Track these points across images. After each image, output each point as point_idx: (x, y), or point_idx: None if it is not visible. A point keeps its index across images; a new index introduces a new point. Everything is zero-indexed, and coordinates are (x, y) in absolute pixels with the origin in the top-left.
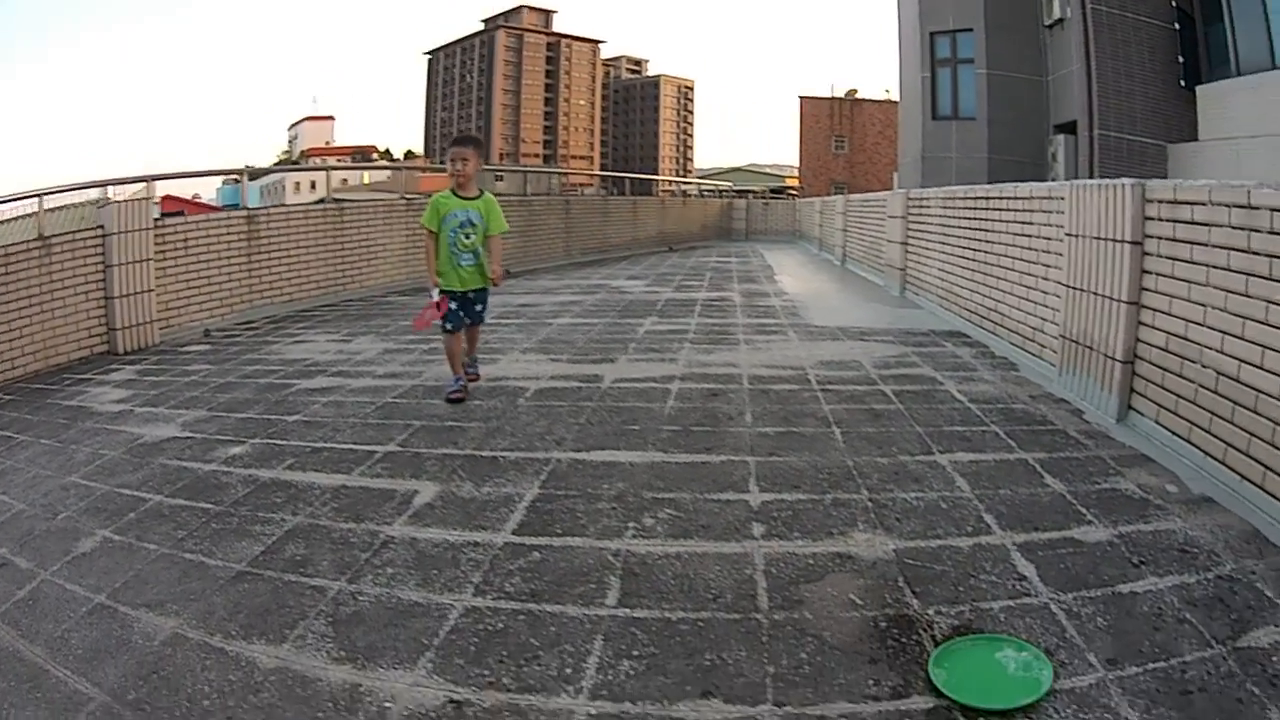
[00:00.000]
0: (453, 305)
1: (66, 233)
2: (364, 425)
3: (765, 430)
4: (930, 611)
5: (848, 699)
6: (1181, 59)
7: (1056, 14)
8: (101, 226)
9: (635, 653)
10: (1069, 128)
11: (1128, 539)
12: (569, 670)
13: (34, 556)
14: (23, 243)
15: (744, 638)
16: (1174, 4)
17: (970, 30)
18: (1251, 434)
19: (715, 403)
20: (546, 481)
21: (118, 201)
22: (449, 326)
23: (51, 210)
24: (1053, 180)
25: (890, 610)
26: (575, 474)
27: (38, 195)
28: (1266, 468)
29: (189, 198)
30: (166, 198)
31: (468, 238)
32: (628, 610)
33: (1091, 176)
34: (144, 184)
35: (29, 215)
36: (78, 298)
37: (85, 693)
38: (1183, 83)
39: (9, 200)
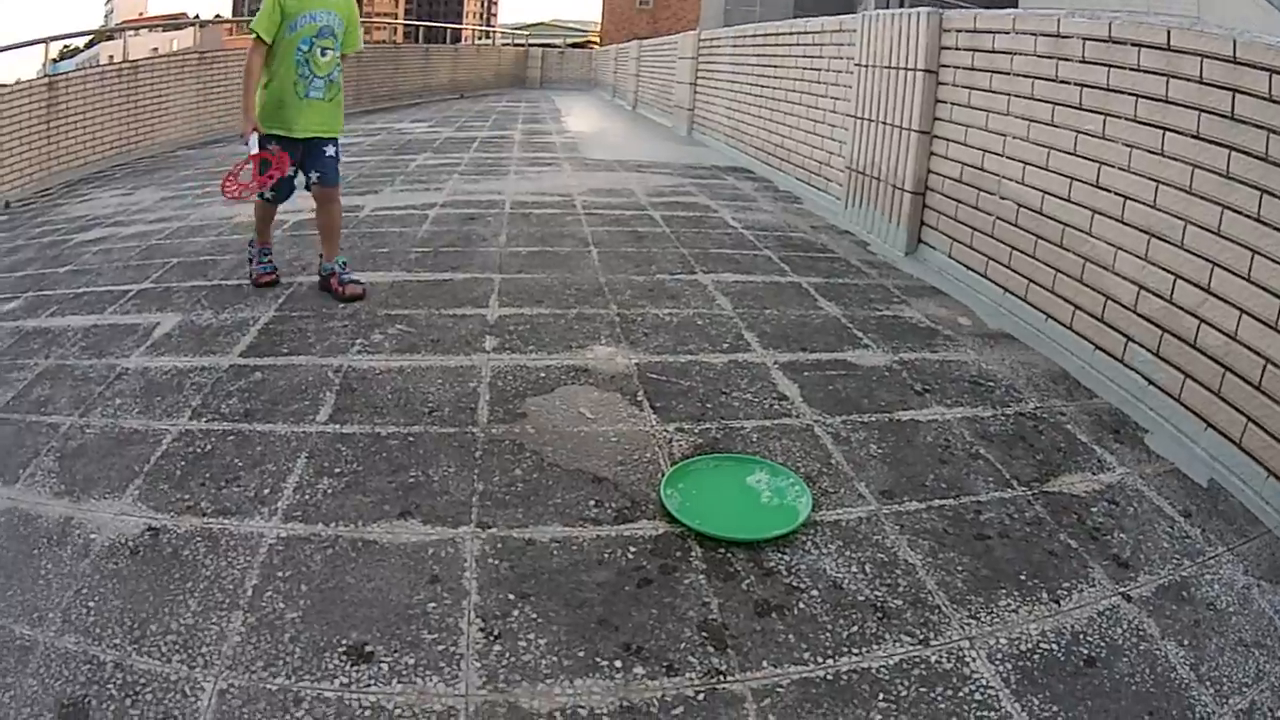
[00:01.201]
0: (288, 164)
1: None
2: (125, 268)
3: (518, 250)
4: (670, 428)
5: (563, 521)
6: None
7: None
8: None
9: (337, 470)
10: None
11: (910, 366)
12: (266, 491)
13: None
14: None
15: (455, 453)
16: None
17: None
18: (1058, 270)
19: (471, 225)
20: (284, 304)
21: None
22: (269, 196)
23: None
24: None
25: (623, 426)
26: (314, 296)
27: None
28: (1076, 307)
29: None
30: None
31: (324, 54)
32: (337, 426)
33: None
34: None
35: None
36: None
37: None
38: None
39: None
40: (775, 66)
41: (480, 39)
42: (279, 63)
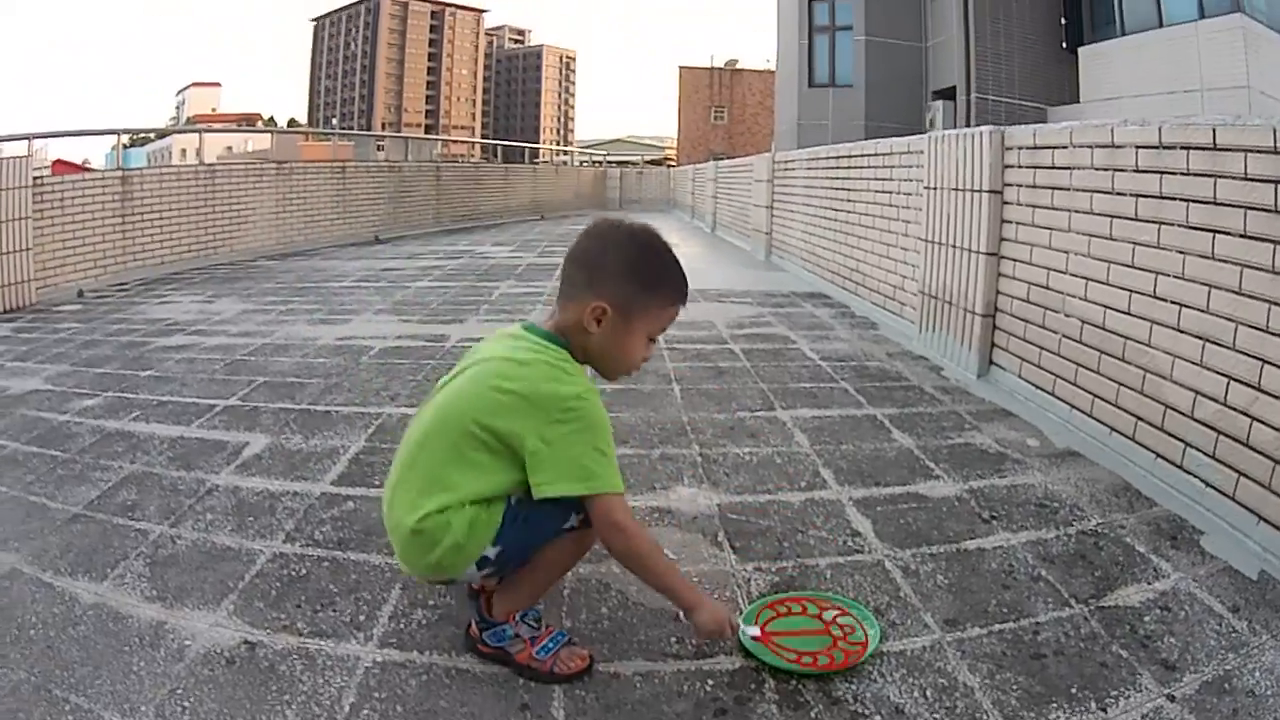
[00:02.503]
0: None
1: None
2: (210, 381)
3: (602, 387)
4: (749, 568)
5: (645, 656)
6: (1065, 21)
7: None
8: None
9: (430, 602)
10: (948, 93)
11: (979, 494)
12: (362, 617)
13: None
14: None
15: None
16: None
17: None
18: (1120, 383)
19: None
20: (374, 435)
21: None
22: None
23: None
24: None
25: (704, 566)
26: (403, 428)
27: None
28: (1138, 418)
29: (79, 163)
30: (57, 163)
31: None
32: None
33: None
34: (26, 141)
35: None
36: None
37: None
38: (1065, 45)
39: None
40: (848, 190)
41: (558, 157)
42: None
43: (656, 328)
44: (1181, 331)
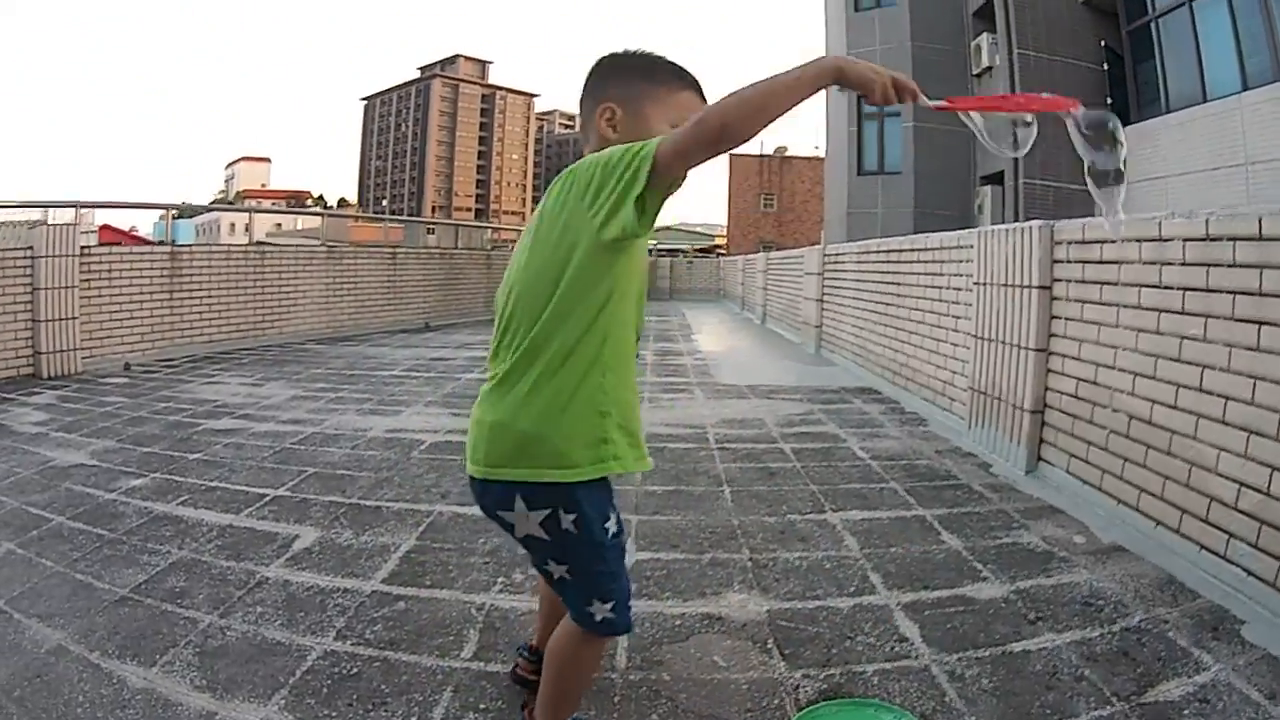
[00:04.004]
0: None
1: None
2: (260, 469)
3: (653, 489)
4: (797, 675)
5: None
6: (1110, 100)
7: (985, 62)
8: (31, 248)
9: (482, 705)
10: (996, 178)
11: (1025, 594)
12: (414, 719)
13: None
14: None
15: (595, 697)
16: (1103, 44)
17: None
18: (1166, 476)
19: None
20: (424, 533)
21: (50, 224)
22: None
23: None
24: None
25: (754, 674)
26: (454, 527)
27: None
28: (1183, 510)
29: (127, 230)
30: (104, 228)
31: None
32: (481, 664)
33: None
34: (73, 209)
35: None
36: (6, 317)
37: None
38: None
39: None
40: (898, 284)
41: None
42: (620, 325)
43: (675, 114)
44: (1227, 424)
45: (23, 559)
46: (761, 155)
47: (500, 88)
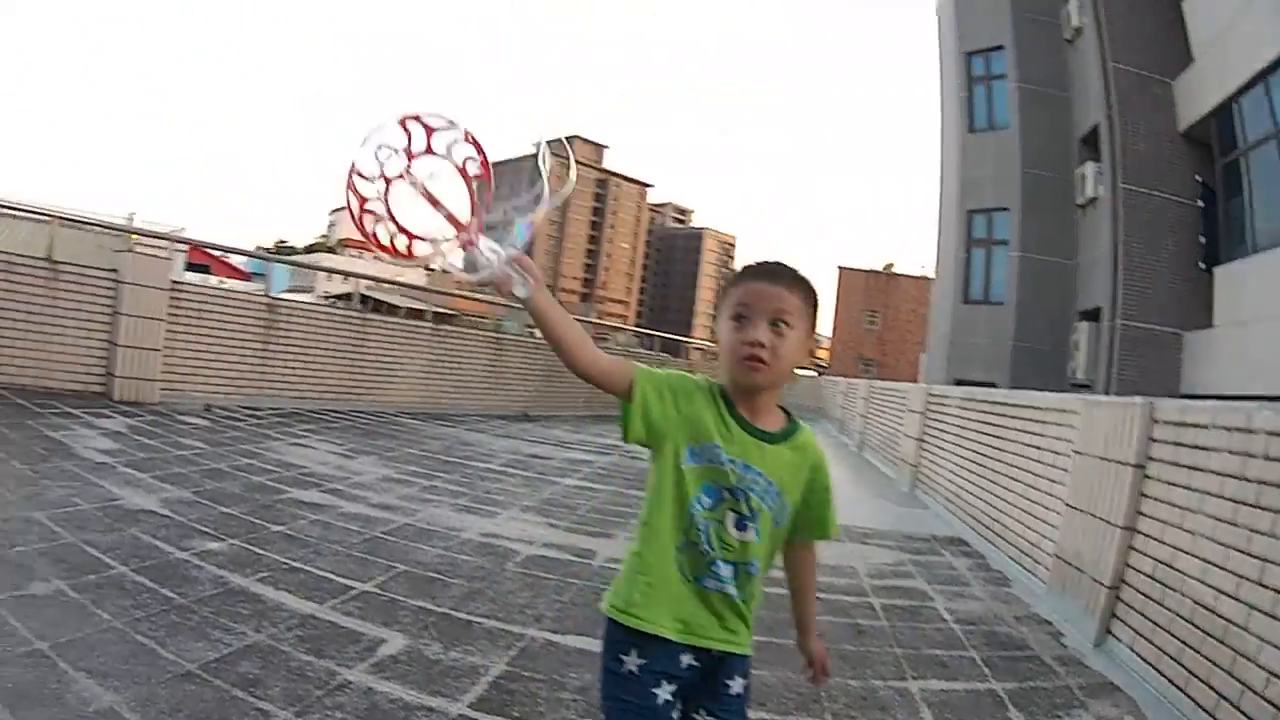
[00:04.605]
0: (658, 690)
1: (76, 264)
2: (347, 556)
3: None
4: None
5: None
6: (1203, 238)
7: (1089, 193)
8: (115, 271)
9: None
10: (1093, 315)
11: None
12: None
13: None
14: (29, 257)
15: None
16: (1198, 179)
17: (1006, 210)
18: (1214, 663)
19: None
20: (516, 658)
21: (138, 252)
22: None
23: (67, 223)
24: (1072, 371)
25: None
26: (546, 655)
27: (57, 217)
28: (1220, 695)
29: (217, 254)
30: (194, 248)
31: (741, 528)
32: None
33: (1110, 370)
34: (168, 241)
35: (46, 222)
36: (80, 332)
37: None
38: (1202, 265)
39: (30, 212)
40: (1000, 436)
41: (713, 345)
42: (670, 505)
43: (734, 307)
44: (1274, 618)
45: (75, 604)
46: (869, 271)
47: (614, 173)
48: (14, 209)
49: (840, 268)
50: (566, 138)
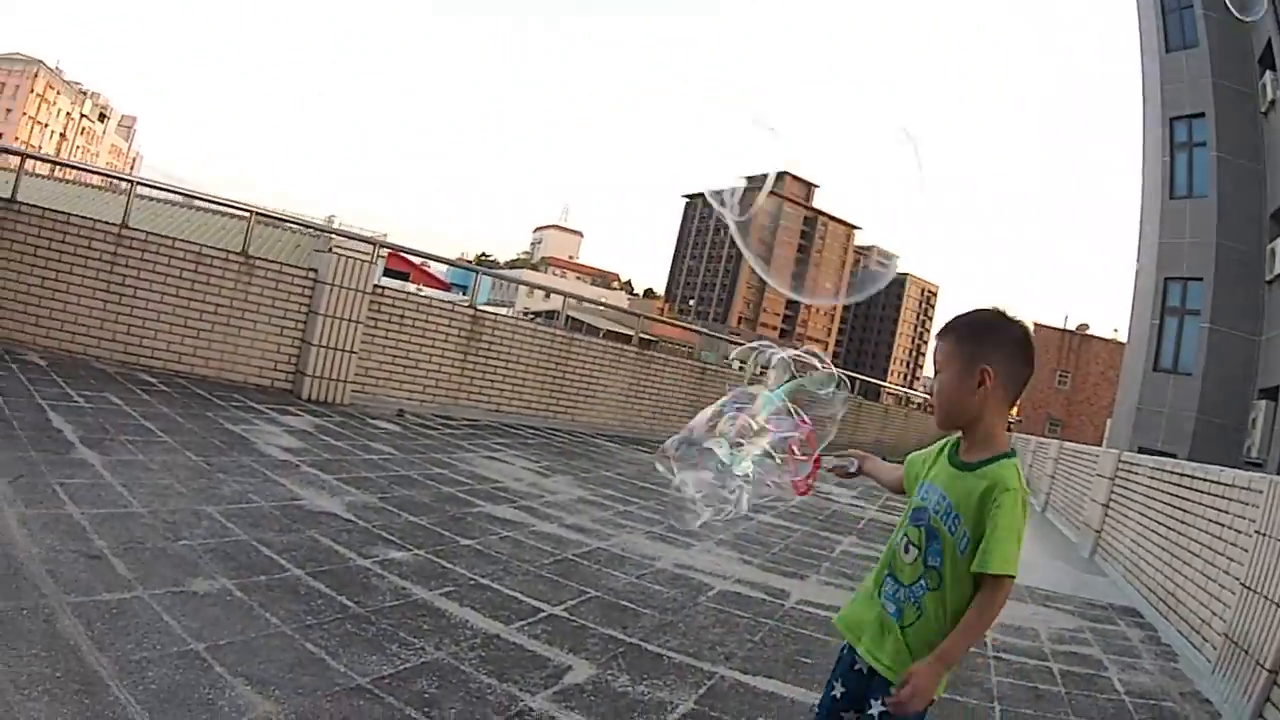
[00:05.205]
0: (835, 685)
1: (272, 260)
2: (537, 576)
3: None
4: None
5: None
6: None
7: (1278, 270)
8: (314, 271)
9: None
10: (1272, 393)
11: None
12: None
13: (137, 568)
14: (223, 250)
15: None
16: None
17: (1200, 279)
18: None
19: None
20: (704, 697)
21: (337, 252)
22: None
23: (266, 220)
24: (1247, 448)
25: None
26: (734, 696)
27: (255, 212)
28: None
29: (417, 262)
30: (392, 255)
31: (918, 551)
32: None
33: None
34: (371, 246)
35: (245, 217)
36: (271, 329)
37: None
38: None
39: (230, 206)
40: (1183, 510)
41: (905, 401)
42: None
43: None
44: None
45: (240, 605)
46: (1063, 330)
47: (822, 213)
48: (215, 202)
49: (1035, 324)
50: (777, 173)
